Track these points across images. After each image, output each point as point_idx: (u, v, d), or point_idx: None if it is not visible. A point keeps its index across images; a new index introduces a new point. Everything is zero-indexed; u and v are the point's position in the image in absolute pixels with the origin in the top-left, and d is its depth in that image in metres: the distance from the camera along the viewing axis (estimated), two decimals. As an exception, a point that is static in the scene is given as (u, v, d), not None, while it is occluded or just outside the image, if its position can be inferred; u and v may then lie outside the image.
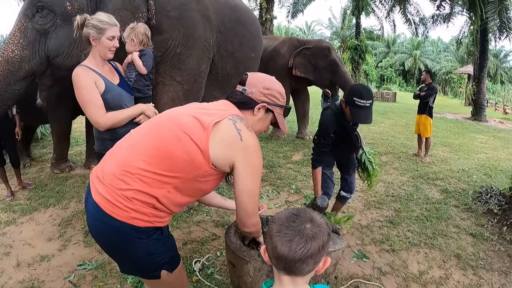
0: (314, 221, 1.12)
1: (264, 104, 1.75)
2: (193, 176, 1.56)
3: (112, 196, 1.50)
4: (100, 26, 2.38)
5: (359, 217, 4.30)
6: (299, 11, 23.82)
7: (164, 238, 1.67)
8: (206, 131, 1.52)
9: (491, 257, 3.53)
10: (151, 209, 1.55)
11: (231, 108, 1.70)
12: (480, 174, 6.52)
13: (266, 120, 1.82)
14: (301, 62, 7.95)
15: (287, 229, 1.10)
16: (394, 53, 48.79)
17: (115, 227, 1.52)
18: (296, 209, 1.18)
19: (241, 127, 1.58)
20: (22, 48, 3.31)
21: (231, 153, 1.56)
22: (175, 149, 1.52)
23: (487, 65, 17.22)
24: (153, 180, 1.52)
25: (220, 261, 3.20)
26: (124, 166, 1.54)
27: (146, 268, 1.66)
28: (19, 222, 3.95)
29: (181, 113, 1.66)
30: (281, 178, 5.61)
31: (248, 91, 1.74)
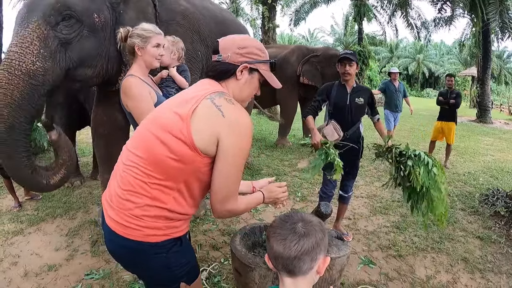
0: (305, 220, 1.19)
1: (245, 64, 1.59)
2: (191, 173, 1.50)
3: (123, 218, 1.49)
4: (145, 35, 2.39)
5: (365, 223, 4.30)
6: (301, 19, 23.88)
7: (183, 249, 1.64)
8: (185, 121, 1.44)
9: (499, 260, 3.53)
10: (165, 221, 1.52)
11: (210, 85, 1.59)
12: (486, 176, 6.51)
13: (253, 81, 1.66)
14: (309, 69, 7.94)
15: (280, 229, 1.18)
16: (398, 57, 48.81)
17: (133, 248, 1.51)
18: (290, 212, 1.23)
19: (220, 102, 1.48)
20: (44, 59, 3.05)
21: (214, 131, 1.45)
22: (162, 155, 1.46)
23: (490, 66, 17.20)
24: (156, 190, 1.48)
25: (226, 270, 3.21)
26: (124, 185, 1.51)
27: (165, 281, 1.64)
28: (26, 232, 3.99)
29: (163, 111, 1.58)
30: (287, 185, 5.60)
31: (223, 56, 1.59)
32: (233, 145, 1.47)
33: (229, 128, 1.45)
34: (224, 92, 1.55)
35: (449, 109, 7.04)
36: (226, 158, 1.47)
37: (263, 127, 11.61)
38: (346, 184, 3.87)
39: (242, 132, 1.49)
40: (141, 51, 2.41)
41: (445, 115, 7.16)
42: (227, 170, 1.49)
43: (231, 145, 1.46)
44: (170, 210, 1.52)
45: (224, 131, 1.44)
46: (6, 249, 3.62)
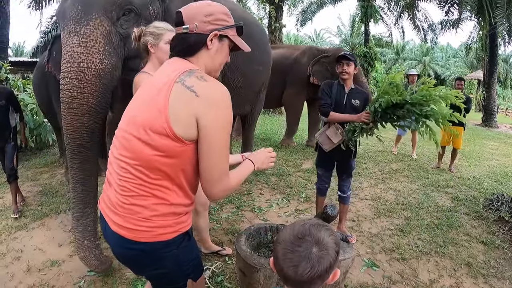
0: (320, 244, 1.08)
1: (215, 32, 1.51)
2: (185, 163, 1.47)
3: (132, 223, 1.46)
4: (157, 32, 2.42)
5: (369, 226, 4.30)
6: (308, 19, 23.85)
7: (191, 243, 1.65)
8: (163, 114, 1.39)
9: (502, 265, 3.52)
10: (173, 217, 1.51)
11: (178, 64, 1.51)
12: (491, 181, 6.49)
13: (223, 48, 1.60)
14: (319, 70, 7.89)
15: (292, 253, 1.07)
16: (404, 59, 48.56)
17: (144, 250, 1.49)
18: (301, 229, 1.11)
19: (191, 82, 1.41)
20: (110, 56, 3.02)
21: (191, 114, 1.39)
22: (150, 155, 1.42)
23: (497, 70, 17.12)
24: (157, 189, 1.46)
25: (229, 269, 3.22)
26: (125, 192, 1.48)
27: (176, 278, 1.65)
28: (30, 228, 4.02)
29: (138, 108, 1.52)
30: (291, 186, 5.63)
31: (190, 27, 1.50)
32: (212, 122, 1.41)
33: (205, 106, 1.39)
34: (194, 69, 1.48)
35: None
36: (209, 137, 1.42)
37: (268, 127, 11.61)
38: (343, 184, 3.91)
39: (220, 106, 1.43)
40: (154, 48, 2.44)
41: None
42: (214, 149, 1.44)
43: (210, 122, 1.41)
44: (176, 204, 1.51)
45: (200, 110, 1.39)
46: (9, 244, 3.65)
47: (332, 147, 3.57)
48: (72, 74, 2.85)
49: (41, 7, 14.75)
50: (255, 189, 5.46)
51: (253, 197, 5.12)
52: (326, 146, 3.60)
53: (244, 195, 5.15)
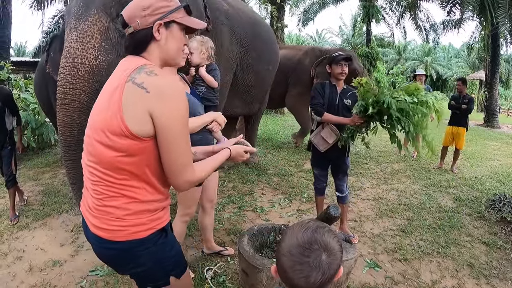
0: (329, 249, 1.05)
1: (158, 22, 1.49)
2: (149, 160, 1.47)
3: (106, 224, 1.49)
4: None
5: (371, 226, 4.30)
6: (309, 19, 23.85)
7: (169, 240, 1.65)
8: (118, 114, 1.39)
9: (505, 266, 3.51)
10: (147, 214, 1.52)
11: (130, 63, 1.49)
12: (493, 181, 6.48)
13: (174, 34, 1.56)
14: (323, 71, 7.67)
15: (301, 265, 1.03)
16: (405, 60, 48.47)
17: (121, 249, 1.52)
18: (306, 238, 1.07)
19: (141, 79, 1.40)
20: (106, 52, 3.00)
21: (144, 110, 1.39)
22: (112, 157, 1.43)
23: (498, 70, 17.07)
24: (126, 189, 1.47)
25: (232, 269, 3.22)
26: (98, 195, 1.50)
27: (157, 276, 1.65)
28: (32, 227, 4.03)
29: (96, 112, 1.51)
30: (293, 186, 5.63)
31: (134, 26, 1.49)
32: (166, 116, 1.40)
33: (157, 101, 1.38)
34: (144, 65, 1.46)
35: (460, 114, 6.95)
36: (165, 131, 1.42)
37: (270, 127, 11.61)
38: (340, 184, 3.91)
39: (172, 98, 1.42)
40: None
41: (456, 120, 7.08)
42: (171, 143, 1.44)
43: (164, 116, 1.40)
44: (148, 201, 1.51)
45: (152, 106, 1.38)
46: (11, 244, 3.66)
47: (327, 147, 3.63)
48: (66, 70, 2.86)
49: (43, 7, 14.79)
50: (257, 189, 5.46)
51: (255, 197, 5.12)
52: (322, 147, 3.64)
53: (246, 195, 5.15)
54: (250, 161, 6.80)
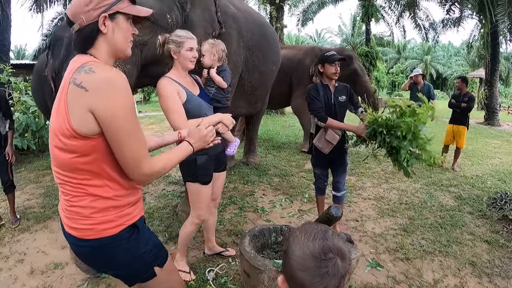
0: (342, 254, 1.03)
1: (102, 15, 1.47)
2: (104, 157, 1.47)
3: (76, 222, 1.51)
4: (178, 40, 2.58)
5: (373, 225, 4.29)
6: (309, 19, 23.88)
7: (142, 235, 1.64)
8: (65, 116, 1.40)
9: (507, 264, 3.50)
10: (114, 211, 1.53)
11: (75, 63, 1.47)
12: (494, 179, 6.47)
13: (120, 25, 1.54)
14: None
15: (321, 277, 1.00)
16: (405, 58, 48.54)
17: (94, 246, 1.53)
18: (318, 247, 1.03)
19: (80, 79, 1.38)
20: (124, 63, 3.15)
21: (85, 109, 1.38)
22: (67, 159, 1.44)
23: (498, 68, 17.06)
24: (89, 188, 1.48)
25: (233, 270, 3.22)
26: (66, 196, 1.52)
27: (139, 271, 1.65)
28: (33, 230, 4.04)
29: (52, 117, 1.51)
30: (294, 187, 5.62)
31: (79, 23, 1.47)
32: (108, 112, 1.38)
33: (96, 99, 1.37)
34: (85, 64, 1.43)
35: (460, 113, 6.94)
36: (111, 127, 1.40)
37: (270, 127, 11.61)
38: (337, 181, 3.89)
39: (110, 93, 1.39)
40: (176, 54, 2.61)
41: (456, 118, 7.07)
42: (120, 138, 1.43)
43: (106, 113, 1.38)
44: (113, 198, 1.52)
45: (92, 104, 1.37)
46: (12, 246, 3.67)
47: (331, 148, 3.62)
48: None
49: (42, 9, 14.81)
50: (258, 190, 5.46)
51: (256, 197, 5.12)
52: (327, 149, 3.63)
53: (247, 196, 5.15)
54: (250, 162, 6.80)
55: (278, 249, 2.60)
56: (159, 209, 4.62)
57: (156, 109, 18.47)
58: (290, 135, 10.30)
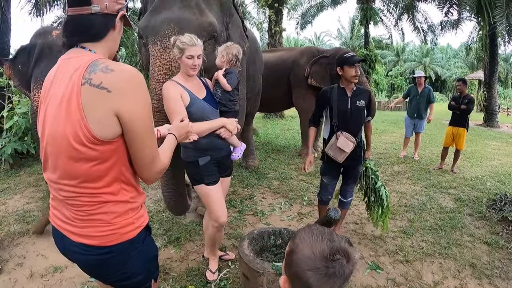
0: (348, 256, 1.03)
1: (122, 12, 1.42)
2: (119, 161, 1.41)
3: (96, 230, 1.43)
4: (180, 47, 2.59)
5: (372, 228, 4.28)
6: (307, 23, 23.88)
7: (150, 238, 1.65)
8: (82, 123, 1.29)
9: (507, 266, 3.50)
10: (132, 213, 1.50)
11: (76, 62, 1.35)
12: (493, 181, 6.47)
13: (121, 28, 1.50)
14: (318, 71, 7.59)
15: (328, 277, 1.00)
16: (404, 61, 48.58)
17: (112, 253, 1.47)
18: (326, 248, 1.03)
19: (98, 79, 1.29)
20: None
21: (109, 111, 1.31)
22: (87, 168, 1.36)
23: (497, 70, 17.08)
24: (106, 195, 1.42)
25: (232, 274, 3.21)
26: (80, 207, 1.43)
27: (142, 281, 1.62)
28: (32, 234, 4.00)
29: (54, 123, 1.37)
30: (294, 190, 5.62)
31: (101, 7, 1.35)
32: (134, 112, 1.34)
33: (121, 100, 1.31)
34: (96, 61, 1.33)
35: (460, 115, 6.94)
36: (135, 127, 1.36)
37: (269, 131, 11.61)
38: (346, 189, 3.82)
39: (135, 92, 1.35)
40: (179, 60, 2.64)
41: (456, 120, 7.07)
42: (142, 137, 1.39)
43: (132, 114, 1.34)
44: (130, 201, 1.50)
45: (117, 106, 1.31)
46: (11, 250, 3.66)
47: (346, 157, 3.44)
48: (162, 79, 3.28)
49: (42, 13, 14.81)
50: (257, 193, 5.46)
51: (256, 201, 5.12)
52: (340, 158, 3.45)
53: (246, 199, 5.15)
54: (250, 165, 6.80)
55: (277, 252, 2.59)
56: (158, 213, 4.61)
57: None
58: (289, 138, 10.30)
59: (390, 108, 10.12)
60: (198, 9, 3.46)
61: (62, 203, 1.48)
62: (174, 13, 3.42)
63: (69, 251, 1.53)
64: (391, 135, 11.56)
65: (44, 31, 4.96)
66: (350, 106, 3.46)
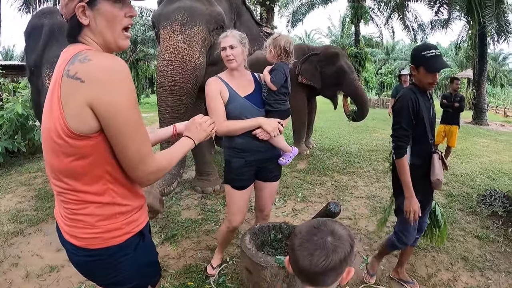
0: (336, 234, 1.10)
1: (78, 5, 1.28)
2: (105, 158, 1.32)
3: (81, 232, 1.38)
4: (218, 42, 2.64)
5: (366, 223, 4.35)
6: (298, 21, 24.03)
7: (147, 245, 1.57)
8: (60, 115, 1.24)
9: (498, 258, 3.58)
10: (121, 218, 1.41)
11: (65, 55, 1.32)
12: (483, 177, 6.58)
13: (101, 12, 1.32)
14: (308, 68, 7.50)
15: (307, 242, 1.09)
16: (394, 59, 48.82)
17: (99, 256, 1.41)
18: (316, 221, 1.15)
19: (74, 69, 1.22)
20: (203, 56, 3.87)
21: (82, 103, 1.21)
22: (64, 163, 1.30)
23: (486, 68, 17.29)
24: (91, 195, 1.35)
25: (231, 269, 3.24)
26: (67, 204, 1.39)
27: (137, 286, 1.56)
28: (26, 233, 4.00)
29: (44, 116, 1.35)
30: (287, 186, 5.66)
31: (64, 17, 1.35)
32: (110, 105, 1.22)
33: (95, 89, 1.20)
34: (78, 53, 1.27)
35: (452, 113, 7.08)
36: (111, 121, 1.24)
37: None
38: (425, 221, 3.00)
39: (112, 84, 1.23)
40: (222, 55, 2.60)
41: (448, 118, 7.19)
42: (124, 133, 1.27)
43: (107, 106, 1.22)
44: (119, 204, 1.40)
45: (90, 96, 1.20)
46: (6, 250, 3.63)
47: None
48: (176, 63, 3.68)
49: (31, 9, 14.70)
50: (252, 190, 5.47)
51: (250, 197, 5.13)
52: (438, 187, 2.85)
53: (241, 196, 5.17)
54: None
55: (277, 246, 2.62)
56: (153, 210, 4.61)
57: (146, 111, 18.40)
58: (282, 135, 10.32)
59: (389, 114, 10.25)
60: (207, 1, 3.77)
61: (57, 199, 1.45)
62: (185, 2, 3.72)
63: (66, 248, 1.50)
64: (381, 133, 11.65)
65: (50, 11, 4.44)
66: (431, 116, 2.73)
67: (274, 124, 2.57)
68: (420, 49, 2.56)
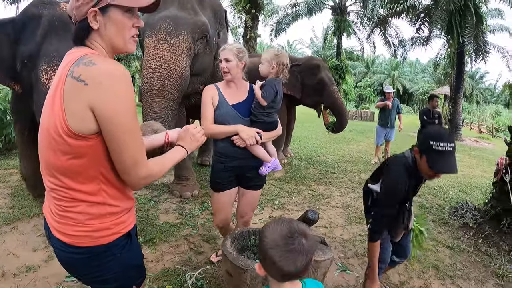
0: (306, 235, 1.27)
1: (91, 10, 1.32)
2: (100, 159, 1.36)
3: (70, 229, 1.40)
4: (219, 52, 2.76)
5: (341, 232, 4.42)
6: (282, 30, 24.21)
7: (134, 246, 1.58)
8: (61, 114, 1.28)
9: (468, 268, 3.71)
10: (111, 218, 1.44)
11: (71, 56, 1.36)
12: (456, 190, 6.77)
13: (114, 19, 1.37)
14: (289, 79, 7.47)
15: (289, 253, 1.22)
16: (373, 73, 49.76)
17: (86, 254, 1.42)
18: (286, 229, 1.27)
19: (79, 71, 1.26)
20: (188, 66, 3.91)
21: (84, 105, 1.26)
22: (61, 161, 1.33)
23: (463, 86, 17.80)
24: (83, 194, 1.38)
25: (209, 274, 3.25)
26: (58, 201, 1.41)
27: (121, 286, 1.57)
28: (2, 231, 3.88)
29: (43, 114, 1.40)
30: (264, 194, 5.67)
31: (73, 18, 1.37)
32: (110, 109, 1.27)
33: (97, 94, 1.25)
34: (83, 56, 1.31)
35: None
36: (111, 125, 1.29)
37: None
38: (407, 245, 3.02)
39: (112, 88, 1.27)
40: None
41: None
42: (120, 137, 1.31)
43: (107, 110, 1.27)
44: (110, 204, 1.43)
45: (92, 100, 1.25)
46: (-20, 249, 3.52)
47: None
48: (163, 71, 3.74)
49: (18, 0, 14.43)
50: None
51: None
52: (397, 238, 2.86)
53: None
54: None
55: (256, 251, 2.65)
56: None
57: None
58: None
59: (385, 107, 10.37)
60: (193, 10, 3.82)
61: (48, 195, 1.47)
62: (171, 12, 3.76)
63: (53, 246, 1.51)
64: (358, 144, 11.85)
65: (50, 1, 4.13)
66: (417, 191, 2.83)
67: (250, 133, 2.62)
68: (431, 136, 2.22)
